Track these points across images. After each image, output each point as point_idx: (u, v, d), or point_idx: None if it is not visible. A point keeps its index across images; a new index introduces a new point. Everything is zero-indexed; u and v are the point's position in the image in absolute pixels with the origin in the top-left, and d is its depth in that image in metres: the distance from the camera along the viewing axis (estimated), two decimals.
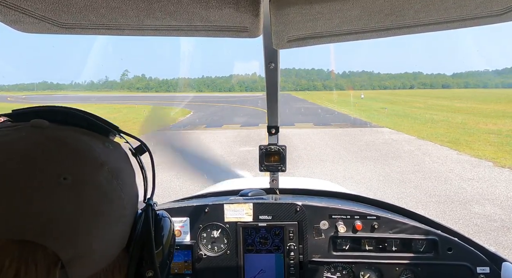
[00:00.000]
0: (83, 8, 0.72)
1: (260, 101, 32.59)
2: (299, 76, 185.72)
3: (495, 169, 8.56)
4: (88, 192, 0.42)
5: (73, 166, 0.42)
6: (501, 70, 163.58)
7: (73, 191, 0.40)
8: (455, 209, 5.83)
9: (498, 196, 6.43)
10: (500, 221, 5.29)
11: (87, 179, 0.43)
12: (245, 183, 2.78)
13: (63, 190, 0.40)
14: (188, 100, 47.75)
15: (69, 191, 0.40)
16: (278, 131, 1.69)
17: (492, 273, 1.41)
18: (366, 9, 0.74)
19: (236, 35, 0.87)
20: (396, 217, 1.53)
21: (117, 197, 0.46)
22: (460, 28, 0.88)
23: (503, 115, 21.48)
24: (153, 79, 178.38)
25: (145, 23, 0.81)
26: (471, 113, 23.32)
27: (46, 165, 0.40)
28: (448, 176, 7.86)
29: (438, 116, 21.82)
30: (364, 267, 1.51)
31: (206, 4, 0.69)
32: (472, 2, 0.73)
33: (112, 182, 0.45)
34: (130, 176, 0.52)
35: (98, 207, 0.43)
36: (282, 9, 0.72)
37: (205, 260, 1.54)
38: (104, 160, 0.46)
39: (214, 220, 1.55)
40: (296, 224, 1.52)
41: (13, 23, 0.78)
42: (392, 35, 0.90)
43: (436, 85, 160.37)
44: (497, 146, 11.65)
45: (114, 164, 0.48)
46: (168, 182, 7.58)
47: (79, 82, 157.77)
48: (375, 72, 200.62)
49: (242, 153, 10.86)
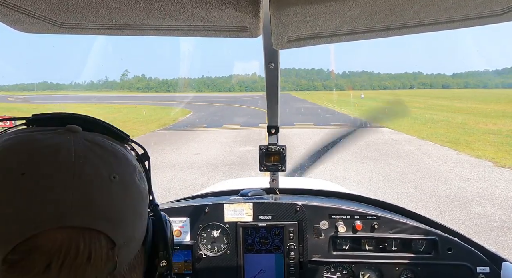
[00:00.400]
0: (83, 8, 0.72)
1: (260, 101, 32.57)
2: (299, 76, 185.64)
3: (495, 169, 8.56)
4: (131, 189, 0.49)
5: (118, 167, 0.49)
6: (501, 70, 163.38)
7: (122, 188, 0.47)
8: (455, 209, 5.83)
9: (498, 196, 6.43)
10: (500, 221, 5.29)
11: (128, 179, 0.49)
12: (245, 182, 2.78)
13: (115, 187, 0.46)
14: (188, 100, 47.73)
15: (119, 188, 0.47)
16: (278, 131, 1.69)
17: (492, 273, 1.41)
18: (366, 9, 0.74)
19: (236, 35, 0.87)
20: (396, 217, 1.53)
21: (145, 196, 0.53)
22: (460, 28, 0.88)
23: (503, 115, 21.48)
24: (153, 79, 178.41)
25: (145, 23, 0.81)
26: (471, 113, 23.32)
27: (99, 165, 0.46)
28: (448, 176, 7.86)
29: (438, 116, 21.82)
30: (364, 267, 1.51)
31: (206, 4, 0.69)
32: (472, 2, 0.73)
33: (142, 183, 0.53)
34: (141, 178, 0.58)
35: (137, 203, 0.50)
36: (282, 9, 0.72)
37: (205, 260, 1.53)
38: (134, 163, 0.53)
39: (214, 220, 1.54)
40: (296, 224, 1.52)
41: (13, 23, 0.78)
42: (392, 35, 0.90)
43: (436, 85, 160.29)
44: (497, 145, 11.65)
45: (139, 167, 0.55)
46: (168, 182, 7.58)
47: (79, 82, 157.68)
48: (375, 72, 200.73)
49: (242, 152, 10.86)
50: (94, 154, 0.47)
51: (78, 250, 0.42)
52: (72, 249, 0.42)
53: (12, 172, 0.42)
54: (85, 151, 0.46)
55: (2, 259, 0.40)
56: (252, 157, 9.82)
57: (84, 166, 0.45)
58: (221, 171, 8.61)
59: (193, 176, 8.19)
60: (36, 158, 0.44)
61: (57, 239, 0.41)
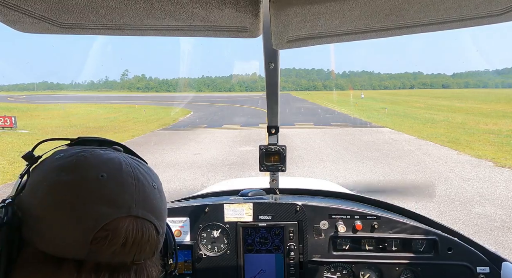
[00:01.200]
0: (83, 8, 0.72)
1: (260, 101, 32.58)
2: (299, 76, 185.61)
3: (495, 169, 8.56)
4: (163, 196, 0.66)
5: (155, 178, 0.65)
6: (501, 70, 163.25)
7: (159, 194, 0.64)
8: (455, 209, 5.83)
9: (499, 196, 6.43)
10: (500, 221, 5.29)
11: (161, 188, 0.66)
12: (245, 183, 2.78)
13: (156, 192, 0.63)
14: (188, 100, 47.73)
15: (158, 193, 0.64)
16: (278, 131, 1.69)
17: (492, 273, 1.41)
18: (366, 9, 0.74)
19: (236, 35, 0.87)
20: (396, 217, 1.53)
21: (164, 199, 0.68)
22: (460, 28, 0.88)
23: (503, 115, 21.48)
24: (153, 79, 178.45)
25: (145, 23, 0.81)
26: (471, 113, 23.32)
27: (145, 175, 0.62)
28: (448, 176, 7.86)
29: (438, 116, 21.82)
30: (364, 267, 1.51)
31: (206, 4, 0.69)
32: (472, 2, 0.73)
33: (162, 190, 0.67)
34: None
35: (166, 207, 0.67)
36: (282, 9, 0.72)
37: (205, 260, 1.54)
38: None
39: (214, 220, 1.54)
40: (296, 224, 1.52)
41: (13, 23, 0.78)
42: (392, 35, 0.90)
43: (436, 85, 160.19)
44: (497, 145, 11.65)
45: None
46: (168, 182, 7.58)
47: (80, 82, 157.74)
48: (375, 72, 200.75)
49: (242, 152, 10.86)
50: (139, 167, 0.62)
51: (143, 232, 0.58)
52: (139, 232, 0.57)
53: (94, 173, 0.56)
54: (133, 164, 0.62)
55: (93, 236, 0.53)
56: (252, 157, 9.82)
57: (138, 175, 0.60)
58: (221, 171, 8.61)
59: (193, 176, 8.20)
60: (108, 165, 0.58)
61: (129, 224, 0.56)
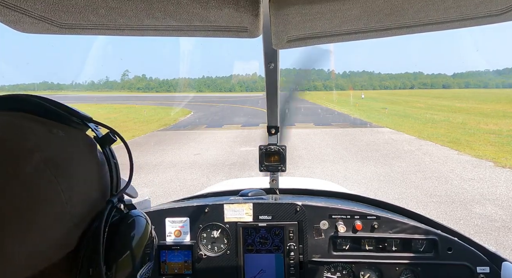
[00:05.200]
0: (83, 8, 0.72)
1: (260, 101, 32.55)
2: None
3: (496, 169, 8.55)
4: (11, 182, 0.39)
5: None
6: (501, 70, 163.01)
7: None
8: (455, 209, 5.82)
9: (499, 196, 6.42)
10: (500, 221, 5.28)
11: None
12: (245, 183, 2.78)
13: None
14: (188, 100, 47.72)
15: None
16: (278, 131, 1.69)
17: (492, 273, 1.41)
18: (366, 9, 0.74)
19: (236, 36, 0.87)
20: (396, 217, 1.53)
21: (51, 190, 0.43)
22: (460, 28, 0.88)
23: (503, 115, 21.44)
24: (153, 79, 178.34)
25: (145, 23, 0.81)
26: (472, 113, 23.28)
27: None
28: (448, 176, 7.85)
29: (438, 116, 21.79)
30: (364, 267, 1.51)
31: (205, 5, 0.69)
32: (472, 2, 0.73)
33: (44, 171, 0.42)
34: (84, 169, 0.49)
35: (20, 202, 0.39)
36: (282, 9, 0.72)
37: (205, 260, 1.54)
38: (36, 147, 0.42)
39: (214, 220, 1.54)
40: (296, 224, 1.52)
41: (13, 23, 0.79)
42: (392, 35, 0.90)
43: (437, 85, 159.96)
44: (498, 146, 11.63)
45: (54, 152, 0.44)
46: (169, 182, 7.58)
47: (80, 83, 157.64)
48: (376, 72, 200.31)
49: (243, 153, 10.86)
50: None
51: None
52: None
53: None
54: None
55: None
56: (252, 157, 9.82)
57: None
58: (221, 171, 8.61)
59: (194, 176, 8.20)
60: None
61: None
